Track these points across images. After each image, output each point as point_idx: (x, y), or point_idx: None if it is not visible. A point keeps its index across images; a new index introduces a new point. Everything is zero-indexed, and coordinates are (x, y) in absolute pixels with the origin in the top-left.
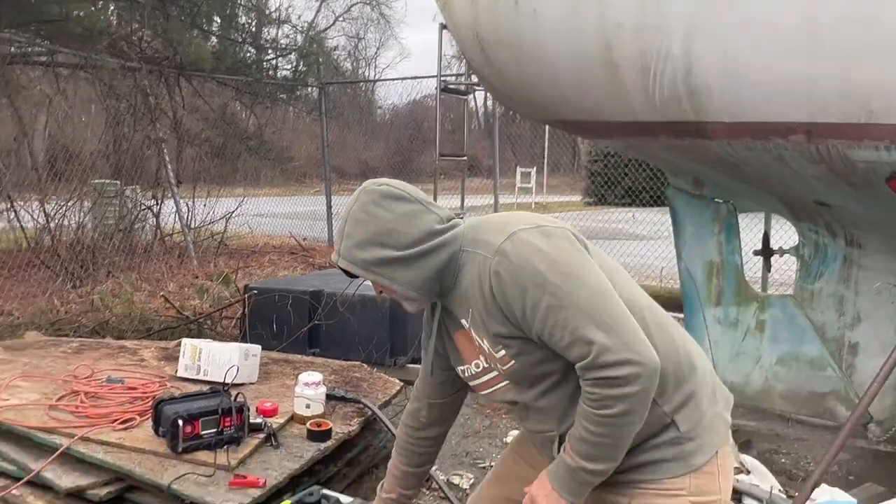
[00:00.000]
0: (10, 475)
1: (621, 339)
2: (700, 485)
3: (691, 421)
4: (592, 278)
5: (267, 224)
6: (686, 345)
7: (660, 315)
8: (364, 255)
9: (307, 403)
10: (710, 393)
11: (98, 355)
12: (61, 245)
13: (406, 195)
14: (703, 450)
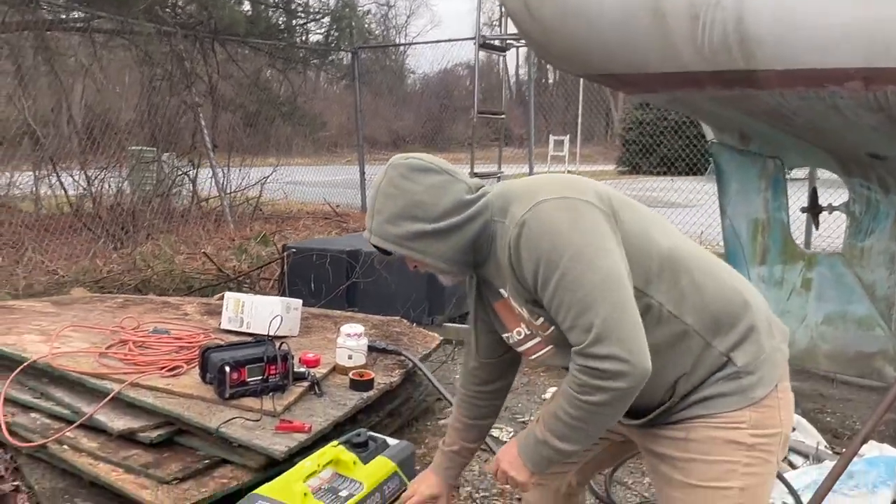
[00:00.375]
0: (64, 418)
1: (618, 333)
2: (760, 418)
3: (749, 355)
4: (606, 262)
5: (300, 192)
6: (737, 283)
7: (706, 260)
8: (395, 230)
9: (349, 354)
10: (767, 327)
11: (142, 310)
12: (102, 208)
13: (433, 166)
14: (763, 383)
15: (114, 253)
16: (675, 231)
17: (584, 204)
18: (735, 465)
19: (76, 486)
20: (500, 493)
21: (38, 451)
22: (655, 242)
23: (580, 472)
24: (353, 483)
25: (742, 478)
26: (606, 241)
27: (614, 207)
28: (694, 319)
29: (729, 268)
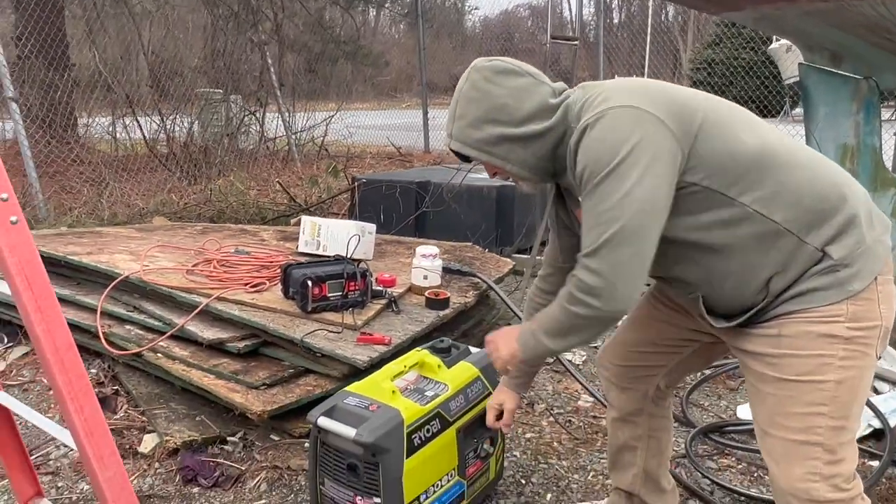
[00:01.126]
0: (156, 329)
1: (618, 257)
2: (858, 311)
3: (846, 248)
4: (646, 191)
5: (362, 134)
6: (835, 176)
7: (800, 155)
8: (478, 134)
9: (425, 275)
10: (868, 219)
11: (221, 236)
12: (176, 144)
13: (517, 69)
14: (861, 276)
15: (188, 188)
16: (764, 127)
17: (649, 117)
18: (831, 358)
19: (170, 392)
20: (576, 410)
21: (134, 360)
22: (742, 143)
23: (669, 376)
24: (438, 385)
25: (838, 371)
26: (656, 164)
27: (692, 119)
28: (784, 217)
29: (826, 161)
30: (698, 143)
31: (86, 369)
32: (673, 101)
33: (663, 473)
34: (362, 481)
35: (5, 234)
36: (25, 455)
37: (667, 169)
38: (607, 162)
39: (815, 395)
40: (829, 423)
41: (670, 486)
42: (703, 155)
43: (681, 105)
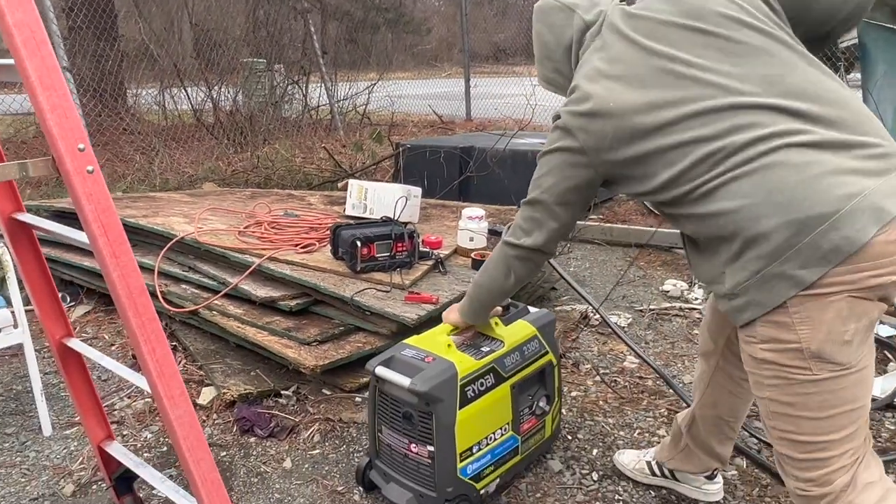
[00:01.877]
0: (211, 288)
1: (534, 221)
2: (768, 332)
3: (734, 279)
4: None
5: (403, 103)
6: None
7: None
8: (543, 70)
9: (471, 237)
10: (782, 245)
11: (269, 200)
12: (222, 113)
13: (556, 4)
14: (751, 308)
15: (234, 156)
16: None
17: (571, 140)
18: (760, 377)
19: (225, 348)
20: (621, 370)
21: (191, 317)
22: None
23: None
24: (494, 341)
25: (771, 389)
26: (563, 171)
27: (613, 148)
28: (693, 231)
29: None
30: (616, 174)
31: None
32: (622, 138)
33: (712, 432)
34: (417, 429)
35: (82, 182)
36: (97, 400)
37: (573, 181)
38: (543, 151)
39: (764, 407)
40: (781, 436)
41: (722, 454)
42: (619, 182)
43: (618, 143)
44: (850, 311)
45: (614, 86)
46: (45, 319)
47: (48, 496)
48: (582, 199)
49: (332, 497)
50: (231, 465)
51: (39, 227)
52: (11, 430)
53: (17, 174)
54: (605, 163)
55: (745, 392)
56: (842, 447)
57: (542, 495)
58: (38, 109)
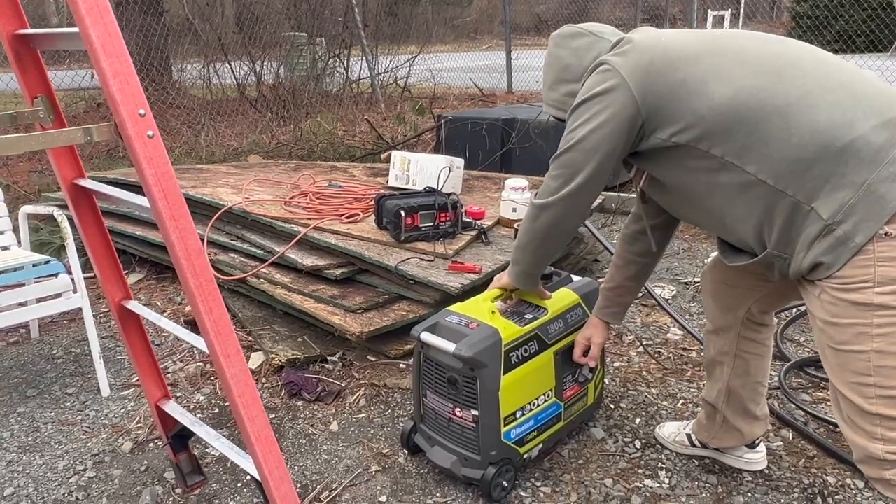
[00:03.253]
0: (258, 257)
1: (554, 178)
2: (887, 272)
3: (835, 202)
4: (588, 137)
5: (444, 76)
6: (816, 123)
7: (776, 102)
8: (554, 94)
9: (514, 207)
10: (868, 161)
11: (313, 171)
12: (265, 87)
13: (581, 31)
14: (862, 228)
15: (278, 129)
16: (748, 73)
17: (620, 82)
18: (866, 327)
19: (272, 315)
20: (665, 342)
21: (239, 285)
22: (709, 98)
23: (762, 302)
24: (538, 309)
25: (877, 340)
26: (607, 123)
27: (665, 83)
28: (758, 168)
29: (813, 106)
30: (665, 105)
31: None
32: (661, 65)
33: (751, 397)
34: (461, 394)
35: (143, 147)
36: (155, 361)
37: (616, 128)
38: (579, 97)
39: (858, 364)
40: (881, 393)
41: (761, 414)
42: (668, 114)
43: (665, 69)
44: None
45: (654, 35)
46: (106, 282)
47: (108, 452)
48: (618, 148)
49: (377, 459)
50: (280, 427)
51: (101, 192)
52: (72, 391)
53: (82, 139)
54: (652, 91)
55: (769, 349)
56: None
57: (585, 461)
58: (102, 75)
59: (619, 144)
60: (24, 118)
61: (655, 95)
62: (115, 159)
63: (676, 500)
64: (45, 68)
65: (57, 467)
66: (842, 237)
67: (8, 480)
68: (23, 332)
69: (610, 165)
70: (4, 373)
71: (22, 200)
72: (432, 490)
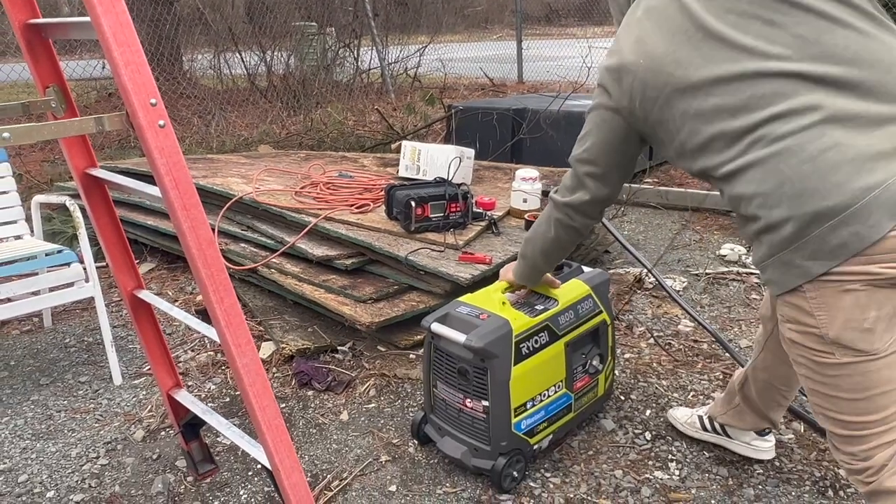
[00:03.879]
0: (268, 247)
1: (569, 177)
2: (790, 313)
3: (758, 254)
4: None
5: (454, 66)
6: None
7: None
8: (616, 14)
9: (524, 198)
10: (795, 231)
11: (324, 162)
12: (275, 77)
13: None
14: (776, 284)
15: (288, 119)
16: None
17: (607, 99)
18: (792, 355)
19: (283, 305)
20: (675, 333)
21: (249, 275)
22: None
23: None
24: (549, 300)
25: (801, 367)
26: (602, 129)
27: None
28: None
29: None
30: (645, 127)
31: None
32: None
33: (763, 397)
34: (472, 385)
35: (154, 136)
36: (167, 350)
37: (614, 138)
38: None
39: (803, 383)
40: (825, 414)
41: (773, 418)
42: (656, 139)
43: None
44: (868, 299)
45: (646, 36)
46: (118, 272)
47: (120, 440)
48: (623, 158)
49: (387, 449)
50: (290, 417)
51: (112, 181)
52: (85, 379)
53: (94, 128)
54: (637, 120)
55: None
56: (882, 426)
57: (595, 453)
58: (113, 64)
59: (625, 157)
60: (36, 108)
61: (642, 121)
62: (127, 149)
63: (687, 492)
64: (58, 58)
65: (70, 455)
66: (763, 280)
67: (22, 467)
68: (36, 321)
69: (624, 172)
70: (18, 361)
71: (35, 190)
72: (442, 480)
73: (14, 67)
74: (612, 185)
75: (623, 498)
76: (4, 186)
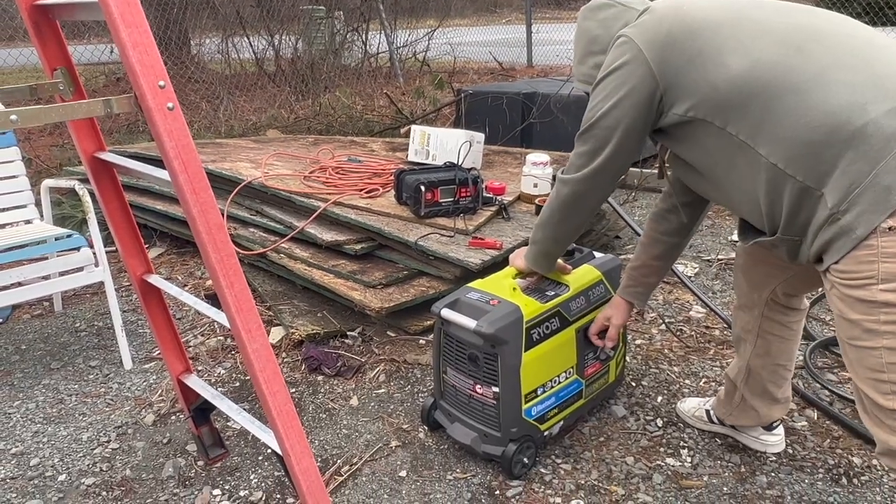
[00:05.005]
0: (277, 232)
1: (579, 156)
2: (890, 269)
3: (840, 190)
4: (609, 113)
5: (462, 50)
6: (831, 103)
7: (794, 77)
8: (582, 68)
9: (535, 182)
10: (879, 148)
11: (332, 146)
12: (284, 61)
13: (608, 2)
14: (864, 220)
15: (296, 104)
16: (769, 43)
17: (638, 56)
18: (873, 324)
19: (292, 290)
20: (687, 319)
21: (259, 260)
22: (726, 70)
23: (787, 285)
24: (560, 285)
25: (887, 338)
26: (625, 98)
27: (682, 53)
28: (769, 150)
29: (834, 81)
30: (682, 77)
31: None
32: (678, 34)
33: (771, 379)
34: (482, 371)
35: (163, 119)
36: (176, 334)
37: (636, 102)
38: (599, 73)
39: (871, 360)
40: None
41: (782, 398)
42: (685, 87)
43: (682, 39)
44: None
45: (675, 3)
46: (127, 256)
47: (131, 424)
48: (639, 123)
49: (397, 434)
50: (300, 402)
51: (121, 165)
52: (95, 363)
53: (102, 111)
54: (669, 62)
55: (796, 333)
56: None
57: (606, 439)
58: (121, 46)
59: (639, 119)
60: (43, 91)
61: (673, 67)
62: (136, 133)
63: (699, 479)
64: (65, 40)
65: (81, 438)
66: (845, 227)
67: (34, 451)
68: (46, 306)
69: (634, 141)
70: (29, 345)
71: (44, 175)
72: (452, 466)
73: (23, 52)
74: (622, 155)
75: (634, 485)
76: (14, 171)
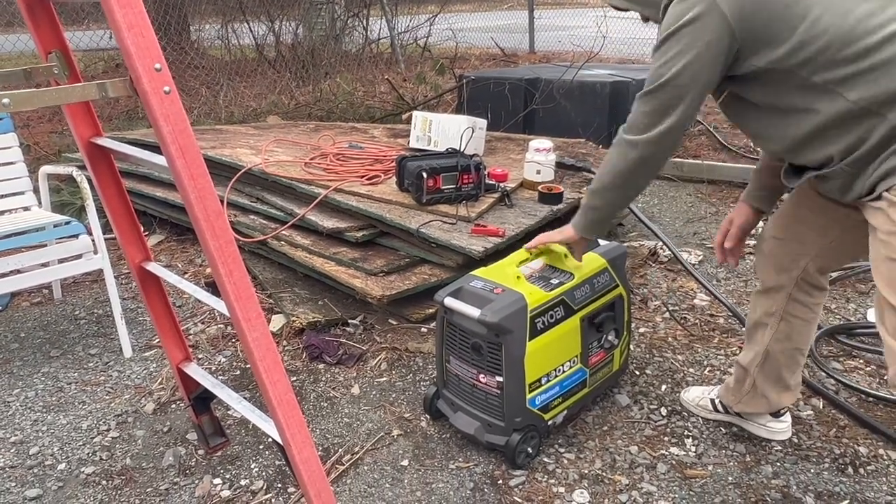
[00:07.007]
0: (278, 219)
1: (648, 114)
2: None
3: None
4: (683, 67)
5: (464, 36)
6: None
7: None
8: None
9: (538, 169)
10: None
11: (333, 132)
12: (284, 46)
13: None
14: None
15: (297, 90)
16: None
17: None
18: None
19: (293, 278)
20: (691, 307)
21: (259, 247)
22: (813, 18)
23: (820, 259)
24: (564, 273)
25: None
26: (702, 50)
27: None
28: (860, 95)
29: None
30: (762, 26)
31: None
32: None
33: (787, 364)
34: (486, 360)
35: (160, 103)
36: (176, 323)
37: (711, 59)
38: (666, 28)
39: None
40: None
41: (793, 384)
42: (766, 37)
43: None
44: None
45: None
46: (125, 244)
47: (131, 413)
48: (714, 78)
49: (399, 423)
50: (301, 390)
51: (118, 150)
52: (95, 352)
53: (97, 94)
54: (748, 12)
55: (816, 316)
56: None
57: (609, 428)
58: (116, 28)
59: (714, 76)
60: (38, 74)
61: (752, 17)
62: (135, 120)
63: (703, 469)
64: (60, 22)
65: (81, 427)
66: None
67: (33, 440)
68: (46, 293)
69: (705, 96)
70: (28, 333)
71: (42, 161)
72: (455, 455)
73: (20, 38)
74: (693, 109)
75: (638, 474)
76: (11, 157)
